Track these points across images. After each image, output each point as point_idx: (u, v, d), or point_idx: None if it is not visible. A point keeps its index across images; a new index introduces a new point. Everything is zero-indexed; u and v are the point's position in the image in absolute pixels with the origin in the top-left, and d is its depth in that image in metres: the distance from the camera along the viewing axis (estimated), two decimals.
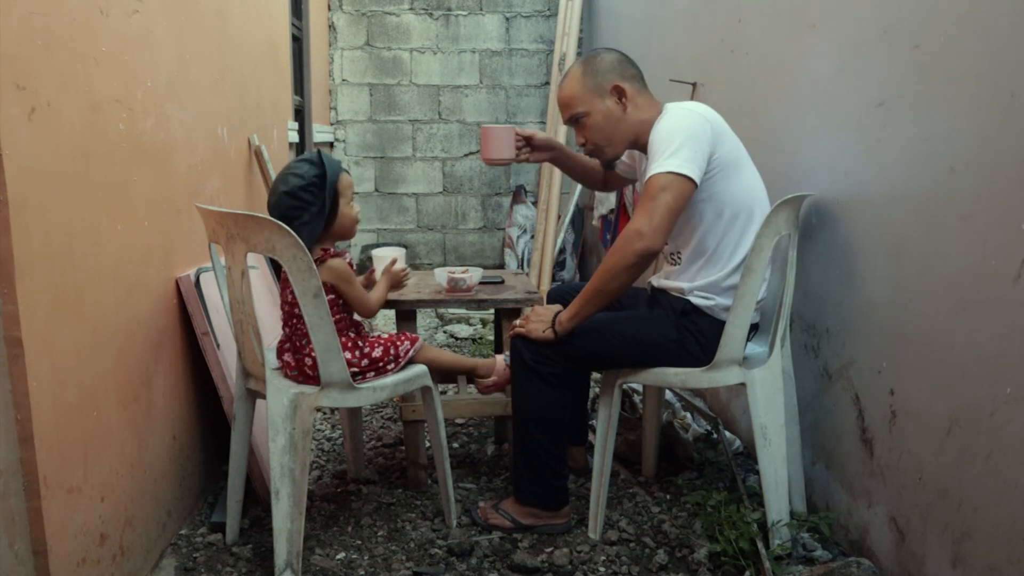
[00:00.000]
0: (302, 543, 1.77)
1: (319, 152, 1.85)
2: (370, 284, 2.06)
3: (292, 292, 1.81)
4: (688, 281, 1.93)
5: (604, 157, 2.02)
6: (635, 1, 4.11)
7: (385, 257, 2.09)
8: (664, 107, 1.93)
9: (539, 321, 1.94)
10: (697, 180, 1.77)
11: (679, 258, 1.97)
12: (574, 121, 1.97)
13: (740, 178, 1.88)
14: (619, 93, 1.92)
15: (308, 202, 1.78)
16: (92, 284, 1.58)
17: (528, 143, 2.20)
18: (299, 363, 1.84)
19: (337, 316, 1.87)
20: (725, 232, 1.88)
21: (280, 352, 1.90)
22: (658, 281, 2.04)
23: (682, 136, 1.78)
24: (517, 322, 1.99)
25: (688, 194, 1.78)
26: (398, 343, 1.94)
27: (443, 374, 2.09)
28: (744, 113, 2.45)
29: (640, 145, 1.98)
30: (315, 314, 1.70)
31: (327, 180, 1.79)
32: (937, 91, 1.55)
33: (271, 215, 1.81)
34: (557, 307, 1.96)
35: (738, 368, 1.90)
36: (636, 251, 1.76)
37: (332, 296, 1.86)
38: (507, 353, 2.15)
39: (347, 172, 1.88)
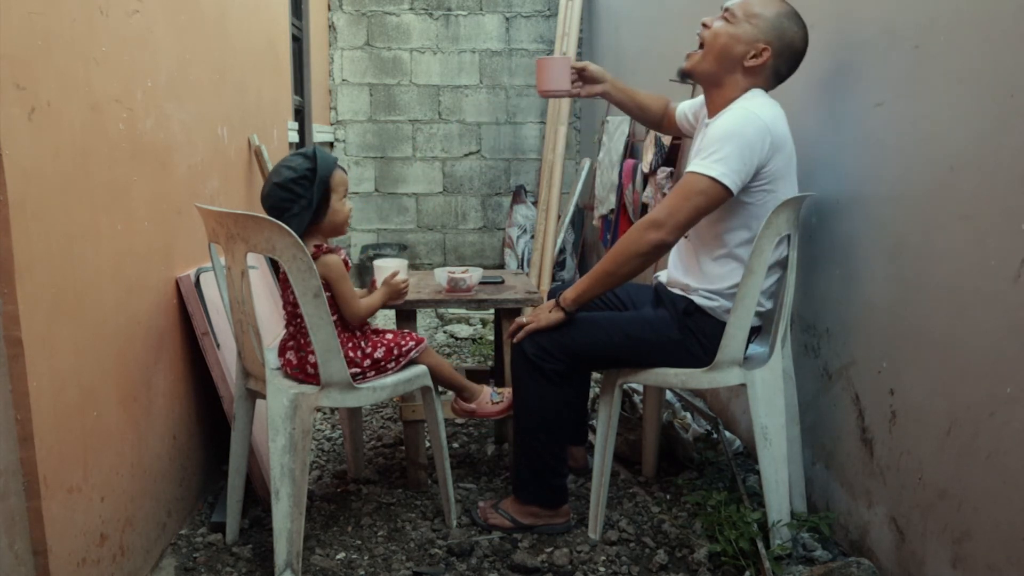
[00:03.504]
0: (302, 543, 1.77)
1: (314, 147, 1.85)
2: (369, 294, 2.05)
3: (294, 291, 1.81)
4: (694, 280, 1.92)
5: (690, 62, 1.93)
6: (635, 1, 4.11)
7: (386, 268, 2.06)
8: (748, 91, 1.86)
9: (543, 310, 1.94)
10: (735, 192, 1.76)
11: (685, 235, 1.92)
12: (726, 12, 1.87)
13: (780, 193, 1.84)
14: (759, 54, 1.83)
15: (298, 195, 1.78)
16: (92, 284, 1.58)
17: (580, 75, 2.15)
18: (301, 361, 1.84)
19: (337, 314, 1.87)
20: (746, 240, 1.86)
21: (282, 350, 1.89)
22: (664, 278, 2.04)
23: (738, 143, 1.74)
24: (523, 319, 1.98)
25: (720, 203, 1.77)
26: (402, 343, 1.94)
27: (436, 382, 2.08)
28: None
29: (711, 94, 1.93)
30: (315, 314, 1.70)
31: (318, 174, 1.79)
32: (937, 91, 1.55)
33: (265, 208, 1.81)
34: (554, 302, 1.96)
35: (739, 369, 1.90)
36: (650, 240, 1.77)
37: (329, 294, 1.86)
38: (495, 389, 2.15)
39: (343, 169, 1.88)
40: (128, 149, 1.75)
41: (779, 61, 1.86)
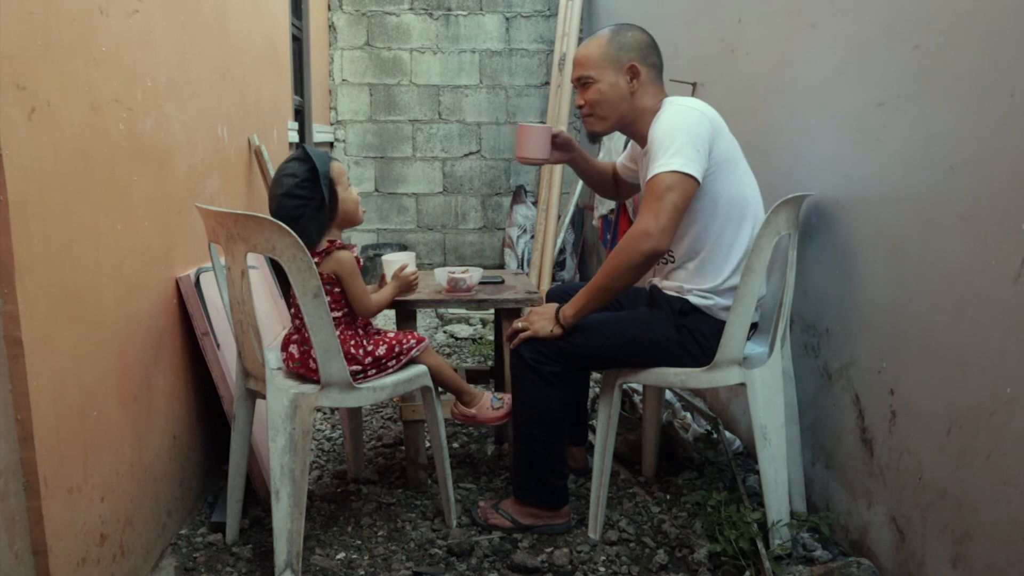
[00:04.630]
0: (302, 543, 1.77)
1: (303, 148, 1.85)
2: (380, 289, 2.06)
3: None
4: (686, 281, 1.94)
5: (592, 128, 2.03)
6: (635, 1, 4.11)
7: (395, 262, 2.08)
8: (663, 102, 1.94)
9: (543, 319, 1.94)
10: (700, 179, 1.78)
11: (672, 256, 1.97)
12: (581, 83, 1.99)
13: (735, 177, 1.89)
14: (633, 73, 1.93)
15: (307, 198, 1.79)
16: (92, 284, 1.58)
17: (552, 140, 2.18)
18: (304, 356, 1.84)
19: (342, 311, 1.87)
20: (720, 231, 1.89)
21: (285, 344, 1.89)
22: (659, 281, 2.04)
23: (684, 134, 1.79)
24: (519, 324, 1.98)
25: (692, 193, 1.79)
26: (403, 342, 1.94)
27: (437, 384, 2.09)
28: (744, 113, 2.45)
29: (632, 131, 2.00)
30: (315, 314, 1.70)
31: (319, 172, 1.80)
32: (937, 91, 1.55)
33: (277, 217, 1.81)
34: (555, 305, 1.96)
35: (738, 368, 1.90)
36: (643, 251, 1.77)
37: (338, 290, 1.86)
38: (496, 395, 2.15)
39: (336, 160, 1.88)
40: (128, 149, 1.75)
41: (647, 62, 1.96)
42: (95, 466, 1.58)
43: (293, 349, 1.87)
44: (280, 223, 1.63)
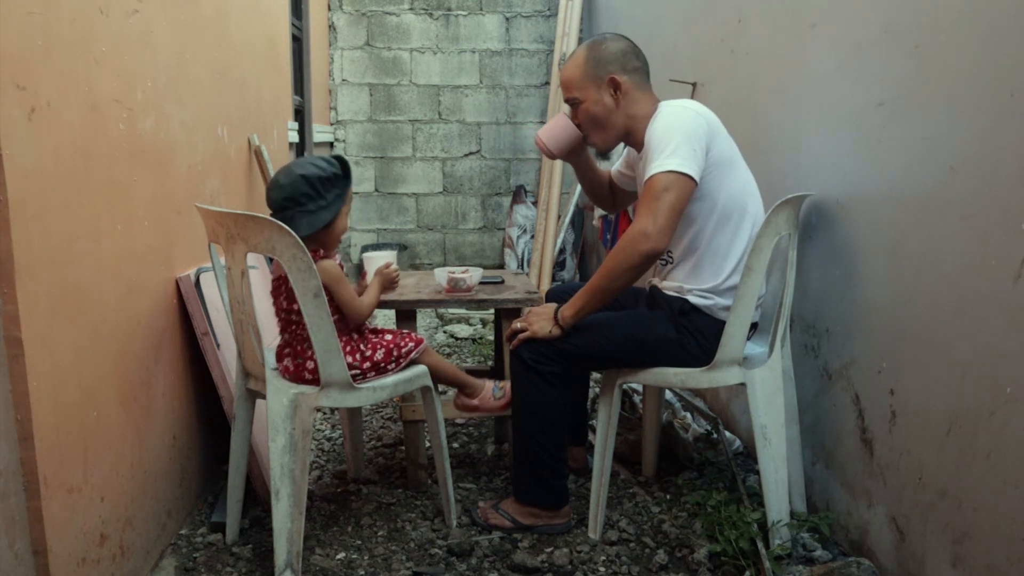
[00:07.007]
0: (302, 543, 1.77)
1: (342, 159, 1.86)
2: (362, 288, 2.05)
3: (287, 298, 1.81)
4: (685, 281, 1.94)
5: (594, 146, 2.05)
6: (635, 1, 4.12)
7: (377, 259, 2.07)
8: (659, 105, 1.94)
9: (542, 320, 1.94)
10: (697, 178, 1.78)
11: (671, 256, 1.97)
12: (571, 104, 2.01)
13: (733, 177, 1.89)
14: (615, 86, 1.93)
15: (320, 193, 1.79)
16: (92, 284, 1.58)
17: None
18: (299, 368, 1.84)
19: (336, 316, 1.87)
20: (717, 231, 1.88)
21: (279, 357, 1.89)
22: (658, 281, 2.04)
23: (680, 134, 1.79)
24: (517, 324, 1.98)
25: (689, 193, 1.78)
26: (401, 344, 1.94)
27: (438, 381, 2.09)
28: (744, 113, 2.45)
29: (632, 140, 2.00)
30: (315, 314, 1.70)
31: (346, 183, 1.83)
32: (937, 91, 1.55)
33: (275, 195, 1.78)
34: (554, 305, 1.96)
35: (738, 368, 1.90)
36: (642, 252, 1.77)
37: (326, 298, 1.86)
38: (497, 384, 2.14)
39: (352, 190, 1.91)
40: (128, 149, 1.75)
41: (629, 68, 1.95)
42: (95, 466, 1.58)
43: (288, 363, 1.86)
44: (280, 224, 1.63)
